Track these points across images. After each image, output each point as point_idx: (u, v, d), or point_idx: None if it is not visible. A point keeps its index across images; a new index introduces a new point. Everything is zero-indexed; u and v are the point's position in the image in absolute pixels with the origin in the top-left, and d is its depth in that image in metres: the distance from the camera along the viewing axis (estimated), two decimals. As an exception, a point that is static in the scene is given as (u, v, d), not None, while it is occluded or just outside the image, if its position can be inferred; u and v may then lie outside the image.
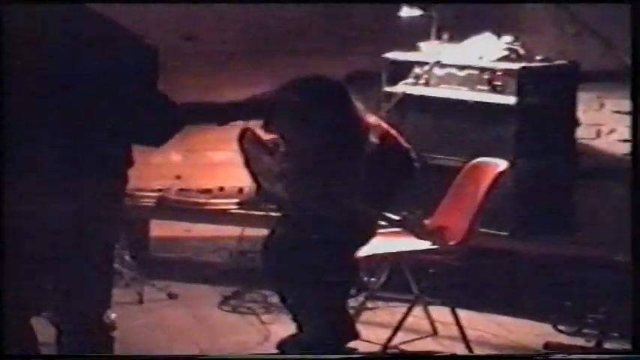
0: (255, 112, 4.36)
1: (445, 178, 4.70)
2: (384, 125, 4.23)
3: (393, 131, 4.19)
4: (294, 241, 4.24)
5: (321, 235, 4.21)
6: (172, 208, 5.97)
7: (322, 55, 6.08)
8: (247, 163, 4.46)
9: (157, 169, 6.09)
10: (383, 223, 4.34)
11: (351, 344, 4.46)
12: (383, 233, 4.43)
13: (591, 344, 4.78)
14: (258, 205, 5.41)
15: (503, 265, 5.12)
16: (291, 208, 4.43)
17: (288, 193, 4.29)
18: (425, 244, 4.41)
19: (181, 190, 6.05)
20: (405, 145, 4.13)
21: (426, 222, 4.47)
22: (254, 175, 4.44)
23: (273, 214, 4.93)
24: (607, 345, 4.50)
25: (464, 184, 4.73)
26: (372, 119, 4.23)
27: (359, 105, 4.27)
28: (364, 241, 4.30)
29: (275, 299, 4.82)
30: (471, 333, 4.51)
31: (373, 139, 4.21)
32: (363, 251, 4.30)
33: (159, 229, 6.06)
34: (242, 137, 4.38)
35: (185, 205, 5.96)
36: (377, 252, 4.41)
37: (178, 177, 6.26)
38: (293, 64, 5.72)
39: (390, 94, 5.26)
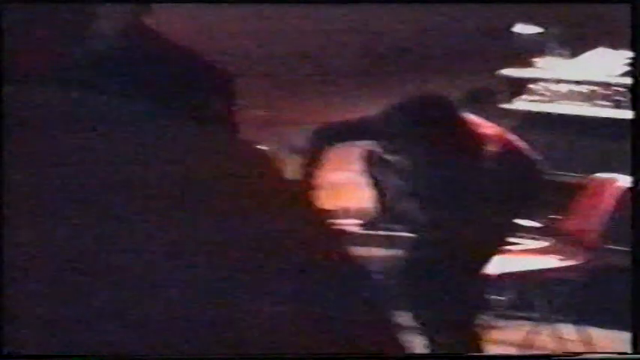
0: (367, 133, 4.46)
1: (568, 194, 4.74)
2: (508, 136, 4.26)
3: (518, 142, 4.22)
4: (424, 260, 4.22)
5: (451, 253, 4.21)
6: None
7: (436, 74, 6.09)
8: (374, 184, 4.50)
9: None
10: (510, 240, 4.38)
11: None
12: (510, 251, 4.45)
13: None
14: (383, 225, 5.44)
15: (628, 281, 5.05)
16: (424, 226, 4.39)
17: (422, 212, 4.29)
18: (552, 262, 4.45)
19: None
20: (532, 155, 4.16)
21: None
22: (382, 196, 4.48)
23: (398, 234, 4.96)
24: None
25: (589, 200, 4.72)
26: (493, 130, 4.26)
27: (475, 118, 4.31)
28: (492, 258, 4.33)
29: (402, 319, 4.91)
30: (599, 351, 4.49)
31: (495, 149, 4.25)
32: (492, 269, 4.31)
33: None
34: (367, 158, 4.43)
35: None
36: (505, 270, 4.41)
37: None
38: (407, 81, 5.82)
39: (508, 111, 5.28)
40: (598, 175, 4.89)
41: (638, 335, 3.19)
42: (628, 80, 5.47)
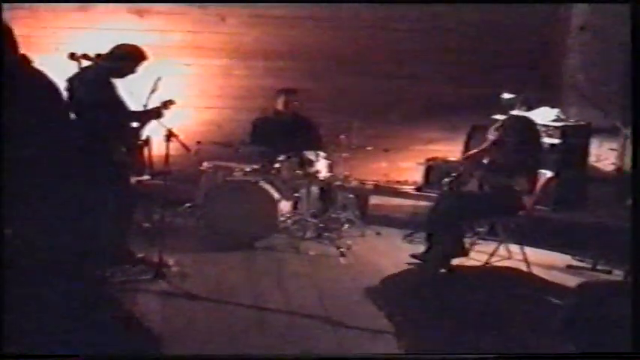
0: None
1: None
2: None
3: None
4: (449, 208, 6.45)
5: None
6: (382, 190, 8.55)
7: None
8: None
9: (376, 170, 8.89)
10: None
11: (460, 260, 6.50)
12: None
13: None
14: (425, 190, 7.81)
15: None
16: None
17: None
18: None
19: (387, 181, 8.63)
20: None
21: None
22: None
23: (433, 194, 7.34)
24: None
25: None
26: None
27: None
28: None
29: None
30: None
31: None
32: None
33: (375, 200, 8.53)
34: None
35: (389, 189, 8.56)
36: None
37: (385, 175, 8.95)
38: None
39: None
40: (538, 170, 6.69)
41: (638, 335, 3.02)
42: (556, 124, 7.58)
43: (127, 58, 6.20)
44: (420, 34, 8.73)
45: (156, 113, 6.48)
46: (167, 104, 6.55)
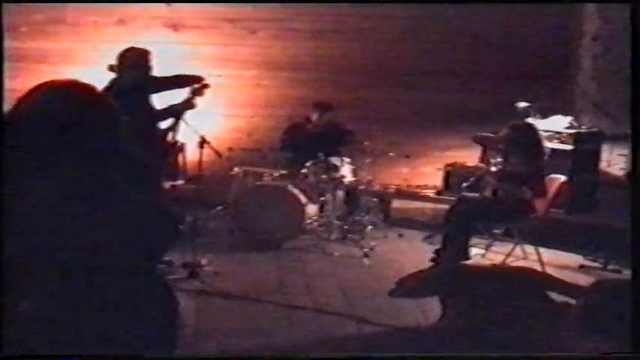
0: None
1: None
2: None
3: None
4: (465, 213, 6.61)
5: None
6: (404, 194, 8.64)
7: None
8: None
9: (398, 175, 8.85)
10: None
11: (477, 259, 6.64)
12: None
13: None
14: (444, 194, 7.93)
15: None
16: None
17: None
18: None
19: (408, 185, 8.81)
20: None
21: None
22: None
23: (452, 198, 7.40)
24: None
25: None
26: None
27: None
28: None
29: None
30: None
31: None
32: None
33: (397, 203, 8.59)
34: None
35: (410, 193, 8.63)
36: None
37: (407, 179, 8.92)
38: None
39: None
40: (553, 175, 6.81)
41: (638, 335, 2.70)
42: (569, 131, 7.64)
43: (137, 63, 6.15)
44: (439, 46, 8.80)
45: (188, 103, 6.28)
46: (197, 92, 6.27)
